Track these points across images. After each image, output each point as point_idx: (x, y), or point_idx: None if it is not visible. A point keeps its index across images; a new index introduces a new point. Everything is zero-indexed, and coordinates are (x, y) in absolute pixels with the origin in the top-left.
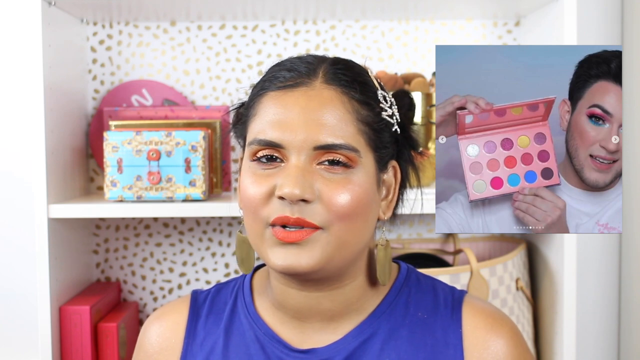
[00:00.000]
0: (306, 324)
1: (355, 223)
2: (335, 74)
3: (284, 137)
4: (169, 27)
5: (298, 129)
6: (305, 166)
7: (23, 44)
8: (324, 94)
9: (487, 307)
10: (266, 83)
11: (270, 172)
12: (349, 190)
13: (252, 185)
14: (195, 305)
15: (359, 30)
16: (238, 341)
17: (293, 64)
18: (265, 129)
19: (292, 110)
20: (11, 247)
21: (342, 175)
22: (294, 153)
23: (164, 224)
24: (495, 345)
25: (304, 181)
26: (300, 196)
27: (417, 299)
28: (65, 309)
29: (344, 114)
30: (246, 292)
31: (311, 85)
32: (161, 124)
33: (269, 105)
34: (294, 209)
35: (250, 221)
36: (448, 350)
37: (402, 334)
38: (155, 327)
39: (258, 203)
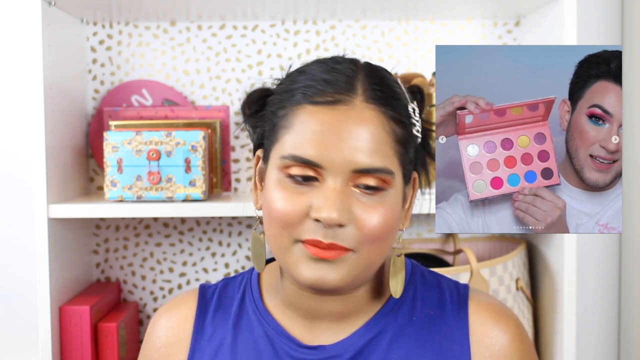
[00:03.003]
0: (315, 323)
1: (383, 244)
2: (374, 92)
3: (324, 157)
4: (169, 27)
5: (339, 150)
6: (343, 189)
7: (23, 44)
8: (365, 115)
9: (492, 301)
10: (301, 93)
11: (304, 189)
12: (381, 213)
13: (284, 201)
14: (204, 300)
15: (359, 30)
16: (246, 337)
17: (330, 73)
18: (303, 145)
19: (334, 131)
20: (11, 247)
21: (375, 198)
22: (331, 174)
23: (164, 224)
24: (503, 340)
25: (342, 205)
26: (338, 221)
27: (423, 295)
28: (65, 309)
29: (382, 136)
30: (254, 288)
31: (351, 104)
32: (161, 124)
33: (306, 120)
34: (327, 232)
35: (275, 233)
36: (455, 346)
37: (409, 330)
38: (163, 320)
39: (290, 221)
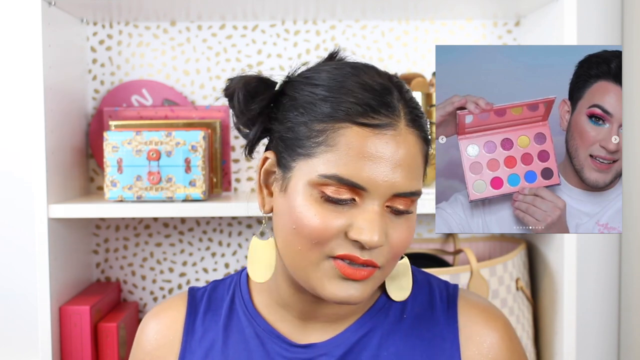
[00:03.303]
0: (308, 323)
1: (400, 257)
2: (412, 114)
3: (370, 181)
4: (169, 27)
5: (384, 175)
6: (381, 211)
7: (23, 44)
8: (409, 140)
9: (481, 301)
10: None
11: (339, 208)
12: (408, 232)
13: (320, 218)
14: (193, 302)
15: (359, 30)
16: (237, 337)
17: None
18: (349, 167)
19: (382, 156)
20: (11, 247)
21: (404, 219)
22: (373, 198)
23: (164, 224)
24: (491, 338)
25: (381, 229)
26: (379, 244)
27: (414, 294)
28: (65, 309)
29: (419, 160)
30: (244, 289)
31: (398, 129)
32: (161, 124)
33: (353, 142)
34: (364, 252)
35: (303, 249)
36: (445, 344)
37: (400, 329)
38: (152, 324)
39: (325, 238)
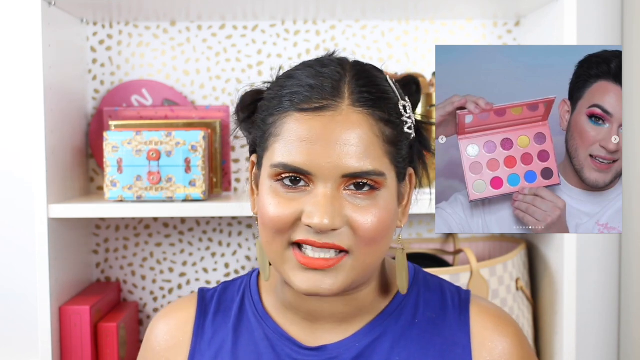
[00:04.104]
0: (316, 324)
1: (379, 246)
2: (361, 95)
3: (312, 164)
4: (169, 27)
5: (327, 156)
6: (333, 194)
7: (23, 44)
8: (352, 119)
9: (493, 307)
10: (288, 100)
11: (295, 195)
12: (375, 215)
13: (276, 207)
14: (203, 303)
15: (359, 30)
16: (247, 339)
17: (315, 77)
18: (292, 154)
19: (320, 137)
20: (11, 247)
21: (368, 199)
22: (322, 181)
23: (164, 224)
24: (503, 344)
25: (334, 210)
26: (330, 227)
27: (426, 298)
28: (65, 309)
29: (371, 138)
30: (254, 291)
31: (338, 109)
32: (161, 124)
33: (294, 128)
34: (321, 236)
35: (269, 239)
36: (457, 350)
37: (411, 333)
38: (162, 324)
39: (282, 226)
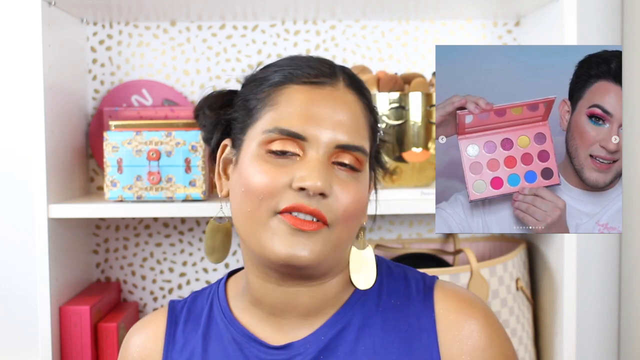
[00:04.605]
0: (283, 321)
1: (353, 223)
2: (353, 79)
3: (310, 130)
4: (169, 27)
5: (324, 125)
6: (324, 162)
7: (23, 44)
8: (348, 97)
9: (459, 289)
10: (284, 76)
11: (285, 162)
12: (355, 192)
13: (265, 174)
14: (173, 314)
15: (359, 30)
16: (216, 344)
17: (311, 61)
18: (289, 119)
19: (321, 107)
20: (11, 247)
21: (352, 178)
22: (315, 147)
23: (164, 224)
24: (469, 326)
25: (326, 175)
26: (322, 189)
27: (389, 286)
28: (65, 309)
29: (362, 118)
30: (221, 297)
31: (336, 87)
32: (161, 124)
33: (293, 97)
34: (311, 201)
35: (250, 208)
36: (422, 335)
37: (375, 321)
38: (135, 338)
39: (270, 192)
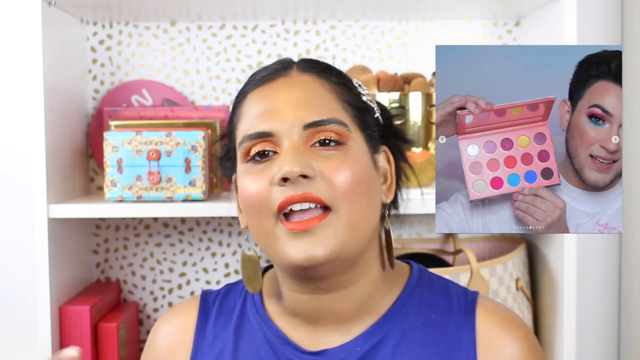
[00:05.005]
0: (318, 327)
1: (361, 200)
2: (309, 64)
3: (273, 124)
4: (169, 27)
5: (284, 113)
6: (299, 147)
7: (23, 44)
8: (303, 79)
9: (501, 309)
10: (245, 87)
11: (266, 165)
12: (347, 166)
13: (251, 183)
14: (205, 306)
15: (359, 30)
16: (248, 342)
17: (265, 66)
18: (252, 123)
19: (276, 99)
20: (11, 247)
21: (337, 152)
22: (285, 137)
23: (164, 224)
24: (511, 348)
25: (301, 157)
26: (301, 172)
27: (430, 300)
28: (65, 309)
29: (325, 94)
30: (256, 294)
31: (288, 75)
32: (161, 124)
33: (250, 103)
34: (297, 188)
35: (257, 221)
36: (461, 354)
37: (415, 336)
38: (165, 327)
39: (261, 197)
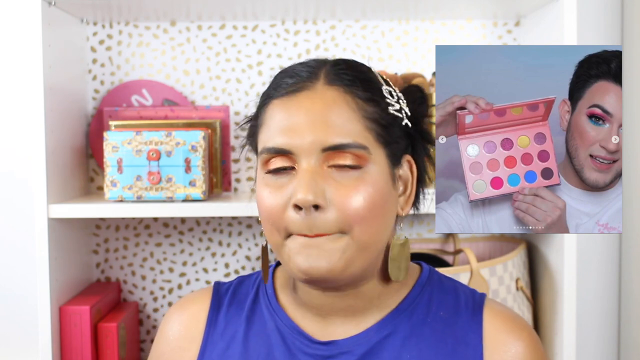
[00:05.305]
0: (329, 319)
1: (374, 224)
2: (337, 74)
3: (292, 142)
4: (169, 27)
5: (304, 132)
6: (316, 169)
7: (23, 44)
8: (327, 95)
9: (507, 310)
10: (271, 92)
11: (284, 181)
12: (362, 192)
13: (268, 197)
14: (217, 296)
15: (359, 30)
16: (259, 331)
17: (294, 69)
18: (272, 136)
19: (297, 115)
20: (11, 247)
21: (353, 176)
22: (303, 157)
23: (164, 224)
24: (517, 348)
25: (316, 186)
26: (314, 202)
27: (439, 298)
28: (65, 309)
29: (348, 113)
30: (268, 284)
31: (313, 88)
32: (161, 124)
33: (274, 112)
34: (310, 222)
35: (268, 232)
36: (468, 351)
37: (423, 332)
38: (176, 316)
39: (276, 215)
